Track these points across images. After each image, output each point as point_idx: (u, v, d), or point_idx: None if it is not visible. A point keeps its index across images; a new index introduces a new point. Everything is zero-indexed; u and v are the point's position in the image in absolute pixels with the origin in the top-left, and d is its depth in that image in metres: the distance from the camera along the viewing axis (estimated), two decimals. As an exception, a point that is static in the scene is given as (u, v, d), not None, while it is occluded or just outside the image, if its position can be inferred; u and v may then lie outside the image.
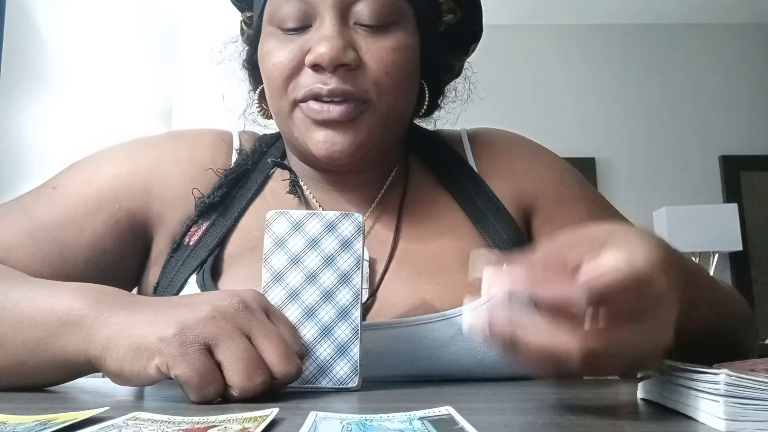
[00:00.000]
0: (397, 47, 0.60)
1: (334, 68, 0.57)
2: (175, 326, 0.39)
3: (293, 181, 0.67)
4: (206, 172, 0.67)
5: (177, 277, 0.61)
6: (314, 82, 0.58)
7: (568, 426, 0.30)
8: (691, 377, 0.32)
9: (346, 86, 0.58)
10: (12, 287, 0.49)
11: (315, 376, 0.46)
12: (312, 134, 0.60)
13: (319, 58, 0.57)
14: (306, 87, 0.59)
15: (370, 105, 0.60)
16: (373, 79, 0.59)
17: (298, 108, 0.60)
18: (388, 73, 0.59)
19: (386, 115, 0.61)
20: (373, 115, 0.60)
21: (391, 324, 0.56)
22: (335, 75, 0.58)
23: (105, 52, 2.74)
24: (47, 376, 0.47)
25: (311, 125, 0.60)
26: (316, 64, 0.58)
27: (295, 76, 0.60)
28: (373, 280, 0.61)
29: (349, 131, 0.59)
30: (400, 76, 0.60)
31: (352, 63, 0.58)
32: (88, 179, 0.64)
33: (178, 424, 0.31)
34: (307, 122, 0.60)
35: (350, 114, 0.58)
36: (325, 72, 0.58)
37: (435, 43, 0.67)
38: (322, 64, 0.57)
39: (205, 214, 0.65)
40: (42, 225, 0.60)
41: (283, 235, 0.49)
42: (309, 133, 0.60)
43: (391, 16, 0.60)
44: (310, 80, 0.59)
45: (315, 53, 0.57)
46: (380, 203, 0.68)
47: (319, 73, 0.58)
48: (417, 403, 0.40)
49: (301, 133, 0.61)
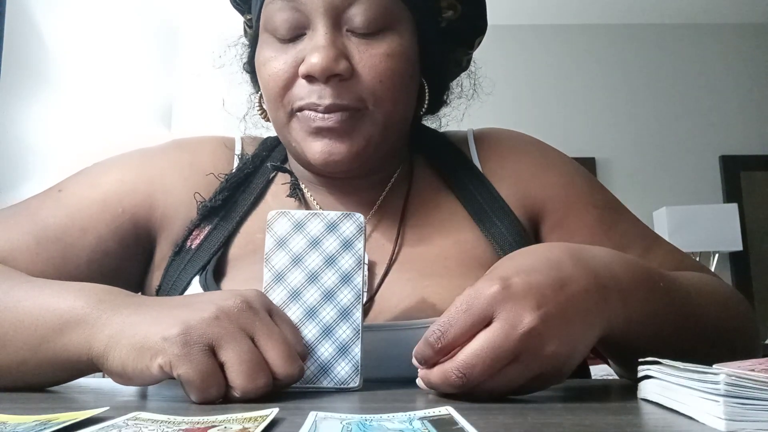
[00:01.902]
0: (391, 53, 0.59)
1: (327, 78, 0.57)
2: (179, 326, 0.39)
3: (294, 185, 0.67)
4: (208, 177, 0.68)
5: (179, 280, 0.62)
6: (309, 93, 0.58)
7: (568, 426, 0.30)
8: (691, 377, 0.32)
9: (340, 101, 0.57)
10: (14, 286, 0.50)
11: (316, 376, 0.46)
12: (309, 144, 0.60)
13: (312, 68, 0.57)
14: (302, 99, 0.59)
15: (366, 113, 0.59)
16: (368, 87, 0.58)
17: (295, 117, 0.60)
18: (382, 81, 0.59)
19: (384, 121, 0.61)
20: (371, 123, 0.60)
21: (391, 326, 0.56)
22: (328, 85, 0.57)
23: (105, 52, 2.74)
24: (49, 375, 0.47)
25: (308, 135, 0.59)
26: (309, 74, 0.57)
27: (291, 86, 0.59)
28: (371, 283, 0.61)
29: (346, 140, 0.59)
30: (395, 83, 0.60)
31: (345, 73, 0.57)
32: (93, 183, 0.65)
33: (178, 424, 0.31)
34: (305, 131, 0.60)
35: (346, 122, 0.58)
36: (319, 82, 0.57)
37: (436, 40, 0.66)
38: (314, 75, 0.57)
39: (207, 218, 0.65)
40: (46, 226, 0.61)
41: (285, 235, 0.49)
42: (306, 143, 0.60)
43: (385, 21, 0.59)
44: (305, 91, 0.58)
45: (307, 64, 0.57)
46: (382, 206, 0.67)
47: (313, 84, 0.58)
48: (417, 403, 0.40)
49: (299, 142, 0.61)
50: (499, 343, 0.38)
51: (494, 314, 0.39)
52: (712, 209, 3.25)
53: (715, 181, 3.61)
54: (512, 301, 0.39)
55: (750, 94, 3.68)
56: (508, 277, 0.40)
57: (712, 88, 3.69)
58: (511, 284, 0.40)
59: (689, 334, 0.51)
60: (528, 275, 0.41)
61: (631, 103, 3.67)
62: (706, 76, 3.70)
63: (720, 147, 3.62)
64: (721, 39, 3.74)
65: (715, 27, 3.75)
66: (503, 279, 0.40)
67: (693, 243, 3.14)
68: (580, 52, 3.73)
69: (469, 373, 0.39)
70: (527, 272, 0.41)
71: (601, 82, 3.69)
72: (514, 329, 0.38)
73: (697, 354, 0.46)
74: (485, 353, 0.38)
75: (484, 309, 0.39)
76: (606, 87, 3.68)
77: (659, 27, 3.75)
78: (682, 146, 3.63)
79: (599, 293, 0.42)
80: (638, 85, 3.70)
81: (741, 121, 3.65)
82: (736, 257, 3.47)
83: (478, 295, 0.40)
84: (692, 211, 3.22)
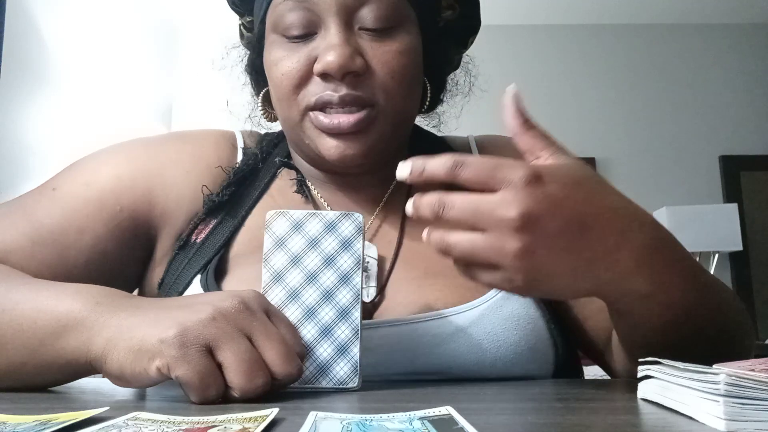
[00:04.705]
0: (402, 50, 0.60)
1: (343, 76, 0.58)
2: (176, 327, 0.39)
3: (300, 181, 0.67)
4: (211, 170, 0.67)
5: (183, 275, 0.61)
6: (323, 90, 0.59)
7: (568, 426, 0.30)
8: (691, 377, 0.32)
9: (355, 92, 0.58)
10: (11, 289, 0.49)
11: (315, 376, 0.46)
12: (324, 140, 0.60)
13: (328, 66, 0.57)
14: (316, 95, 0.59)
15: (378, 110, 0.60)
16: (380, 83, 0.59)
17: (308, 116, 0.60)
18: (394, 77, 0.60)
19: (394, 117, 0.62)
20: (382, 120, 0.61)
21: (390, 322, 0.56)
22: (343, 82, 0.58)
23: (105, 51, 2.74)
24: (47, 377, 0.47)
25: (322, 132, 0.60)
26: (325, 72, 0.58)
27: (304, 85, 0.60)
28: (381, 278, 0.61)
29: (360, 136, 0.60)
30: (405, 79, 0.61)
31: (360, 70, 0.58)
32: (88, 181, 0.63)
33: (178, 424, 0.31)
34: (319, 129, 0.60)
35: (360, 125, 0.59)
36: (334, 80, 0.58)
37: (435, 39, 0.67)
38: (330, 73, 0.58)
39: (213, 212, 0.65)
40: (41, 227, 0.60)
41: (283, 235, 0.49)
42: (321, 139, 0.60)
43: (395, 19, 0.60)
44: (320, 88, 0.59)
45: (323, 62, 0.58)
46: (387, 203, 0.68)
47: (328, 81, 0.59)
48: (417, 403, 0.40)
49: (312, 139, 0.61)
50: (484, 210, 0.40)
51: (502, 188, 0.40)
52: (712, 209, 3.25)
53: (715, 181, 3.60)
54: (526, 199, 0.39)
55: (750, 94, 3.68)
56: (541, 176, 0.40)
57: (712, 88, 3.69)
58: (538, 184, 0.40)
59: (720, 323, 0.50)
60: (563, 191, 0.41)
61: (631, 103, 3.67)
62: (706, 76, 3.70)
63: (720, 147, 3.62)
64: (721, 39, 3.74)
65: (715, 27, 3.75)
66: (536, 176, 0.40)
67: (693, 243, 3.14)
68: (580, 52, 3.73)
69: (446, 209, 0.40)
70: (564, 192, 0.41)
71: (602, 82, 3.69)
72: (508, 226, 0.39)
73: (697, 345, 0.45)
74: (469, 206, 0.40)
75: (499, 180, 0.40)
76: (606, 87, 3.68)
77: (659, 27, 3.75)
78: (682, 146, 3.63)
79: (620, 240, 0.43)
80: (638, 84, 3.70)
81: (741, 121, 3.65)
82: (736, 257, 3.47)
83: (508, 170, 0.40)
84: (692, 211, 3.22)
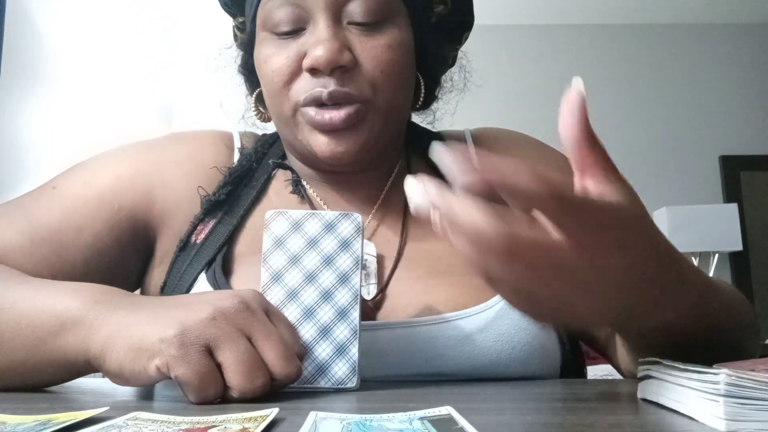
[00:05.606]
0: (392, 44, 0.60)
1: (331, 70, 0.58)
2: (176, 327, 0.39)
3: (296, 181, 0.67)
4: (209, 171, 0.67)
5: (185, 275, 0.61)
6: (313, 86, 0.59)
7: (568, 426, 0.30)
8: (691, 377, 0.32)
9: (344, 89, 0.58)
10: (9, 287, 0.49)
11: (313, 376, 0.46)
12: (316, 137, 0.60)
13: (316, 61, 0.57)
14: (306, 91, 0.59)
15: (369, 105, 0.60)
16: (370, 78, 0.59)
17: (300, 112, 0.60)
18: (383, 71, 0.60)
19: (385, 112, 0.61)
20: (373, 115, 0.61)
21: (389, 324, 0.56)
22: (333, 77, 0.58)
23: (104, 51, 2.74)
24: (46, 376, 0.47)
25: (314, 129, 0.60)
26: (314, 67, 0.58)
27: (294, 81, 0.60)
28: (381, 277, 0.61)
29: (352, 132, 0.60)
30: (395, 73, 0.61)
31: (349, 64, 0.58)
32: (88, 180, 0.63)
33: (178, 424, 0.31)
34: (310, 125, 0.60)
35: (350, 120, 0.59)
36: (323, 75, 0.58)
37: (428, 35, 0.67)
38: (318, 68, 0.58)
39: (211, 212, 0.65)
40: (40, 225, 0.60)
41: (282, 235, 0.49)
42: (313, 136, 0.60)
43: (384, 13, 0.60)
44: (309, 84, 0.59)
45: (311, 57, 0.58)
46: (384, 201, 0.68)
47: (317, 77, 0.59)
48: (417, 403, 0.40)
49: (305, 135, 0.61)
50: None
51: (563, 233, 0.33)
52: (712, 209, 3.25)
53: (715, 181, 3.60)
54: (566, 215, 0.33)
55: (750, 94, 3.68)
56: (586, 201, 0.34)
57: (712, 88, 3.69)
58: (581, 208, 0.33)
59: (726, 324, 0.48)
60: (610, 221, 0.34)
61: (631, 103, 3.67)
62: (706, 76, 3.70)
63: (720, 147, 3.62)
64: (721, 39, 3.74)
65: (715, 27, 3.75)
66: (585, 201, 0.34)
67: (693, 243, 3.14)
68: (580, 52, 3.73)
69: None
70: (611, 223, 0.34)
71: (601, 81, 3.68)
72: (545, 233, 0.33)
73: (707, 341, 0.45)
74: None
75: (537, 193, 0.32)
76: (606, 87, 3.68)
77: (659, 27, 3.75)
78: (682, 146, 3.63)
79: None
80: (637, 85, 3.70)
81: (741, 121, 3.65)
82: (736, 257, 3.47)
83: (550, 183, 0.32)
84: (692, 211, 3.22)
